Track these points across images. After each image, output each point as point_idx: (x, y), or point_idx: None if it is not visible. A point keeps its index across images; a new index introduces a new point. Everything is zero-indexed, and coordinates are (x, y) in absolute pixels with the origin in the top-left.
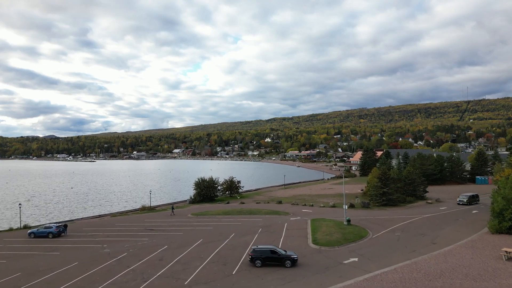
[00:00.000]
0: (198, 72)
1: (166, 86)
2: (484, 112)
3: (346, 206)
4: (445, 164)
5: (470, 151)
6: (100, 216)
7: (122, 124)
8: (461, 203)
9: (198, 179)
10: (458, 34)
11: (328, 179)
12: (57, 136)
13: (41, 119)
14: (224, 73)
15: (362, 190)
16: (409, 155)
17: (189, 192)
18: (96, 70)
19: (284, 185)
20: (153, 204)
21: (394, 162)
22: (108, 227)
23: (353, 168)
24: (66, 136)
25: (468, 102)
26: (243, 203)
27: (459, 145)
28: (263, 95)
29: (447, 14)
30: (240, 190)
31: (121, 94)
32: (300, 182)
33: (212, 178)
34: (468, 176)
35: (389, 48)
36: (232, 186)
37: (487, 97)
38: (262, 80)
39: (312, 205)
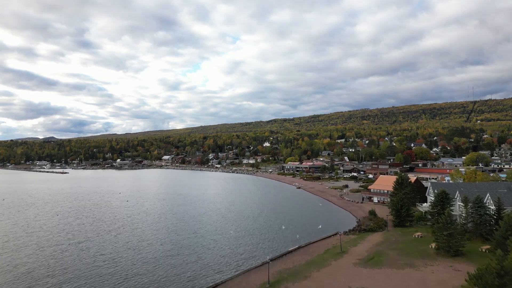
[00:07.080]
0: (197, 73)
1: (166, 86)
2: (491, 112)
3: None
4: None
5: (497, 159)
6: None
7: (123, 126)
8: None
9: None
10: (460, 33)
11: (345, 233)
12: (57, 137)
13: (41, 121)
14: (223, 74)
15: None
16: (483, 199)
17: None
18: (94, 71)
19: (269, 270)
20: None
21: (456, 209)
22: None
23: (374, 199)
24: (67, 138)
25: (474, 102)
26: None
27: (484, 152)
28: (263, 95)
29: (449, 13)
30: None
31: (120, 95)
32: (299, 248)
33: None
34: None
35: (390, 48)
36: None
37: (492, 96)
38: (262, 80)
39: None
